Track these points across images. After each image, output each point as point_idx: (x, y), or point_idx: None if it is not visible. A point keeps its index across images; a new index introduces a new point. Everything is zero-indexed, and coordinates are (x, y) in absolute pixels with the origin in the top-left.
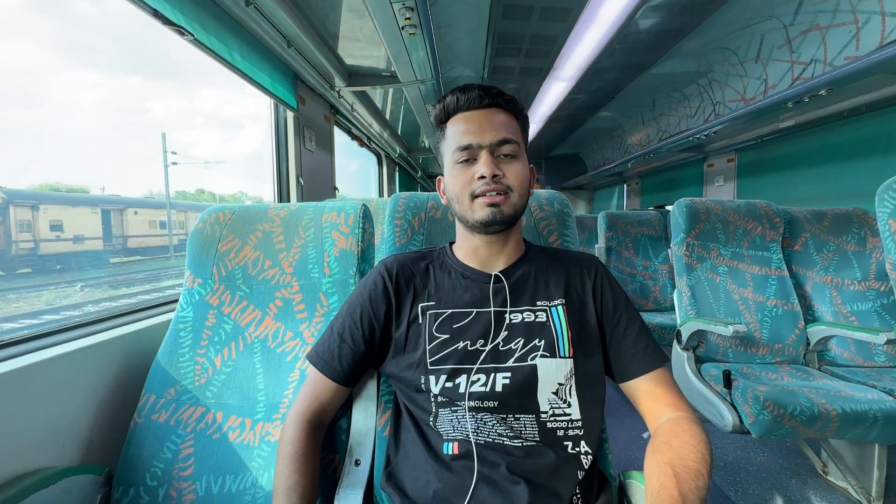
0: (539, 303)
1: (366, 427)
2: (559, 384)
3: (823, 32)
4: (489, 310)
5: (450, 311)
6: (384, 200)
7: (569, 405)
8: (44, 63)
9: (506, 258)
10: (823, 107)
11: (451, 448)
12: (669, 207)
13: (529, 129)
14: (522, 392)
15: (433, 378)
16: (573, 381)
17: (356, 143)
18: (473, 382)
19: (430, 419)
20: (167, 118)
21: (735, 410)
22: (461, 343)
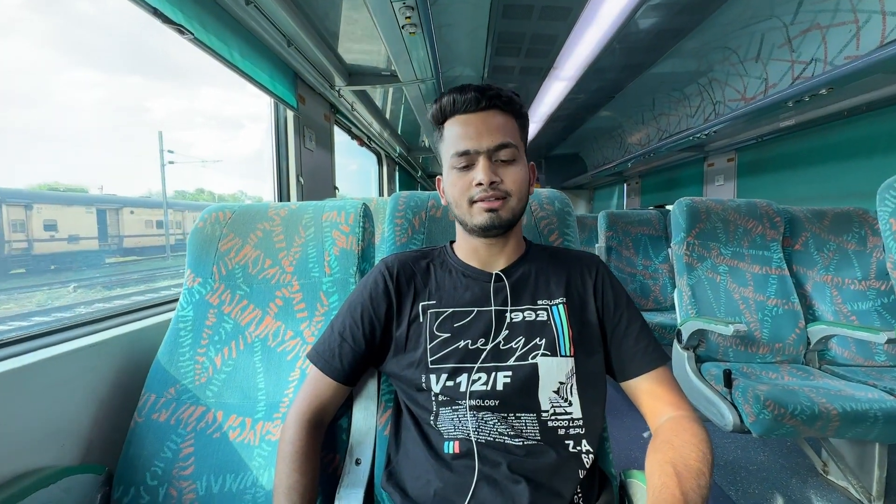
0: (540, 301)
1: (366, 426)
2: (560, 383)
3: (824, 32)
4: (489, 309)
5: (450, 310)
6: (384, 200)
7: (570, 404)
8: (44, 63)
9: (506, 257)
10: (824, 106)
11: (452, 447)
12: (669, 207)
13: (529, 129)
14: (523, 391)
15: (434, 377)
16: (574, 380)
17: (356, 143)
18: (474, 381)
19: (431, 418)
20: (167, 118)
21: (735, 410)
22: (462, 342)
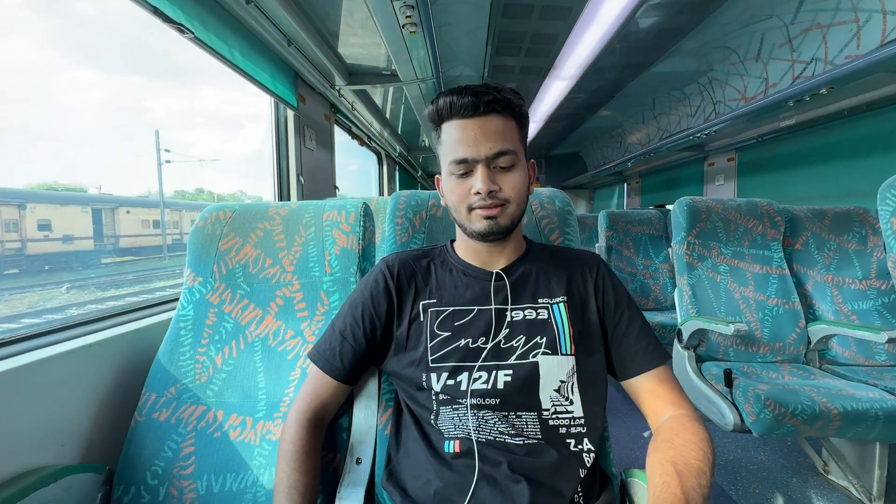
0: (541, 300)
1: (367, 425)
2: (561, 381)
3: (824, 31)
4: (490, 307)
5: (451, 309)
6: (384, 199)
7: (571, 402)
8: (43, 62)
9: (507, 257)
10: (824, 105)
11: (452, 446)
12: (670, 206)
13: (530, 129)
14: (524, 389)
15: (434, 376)
16: (575, 379)
17: (356, 143)
18: (475, 380)
19: (432, 417)
20: (167, 118)
21: (736, 409)
22: (462, 341)
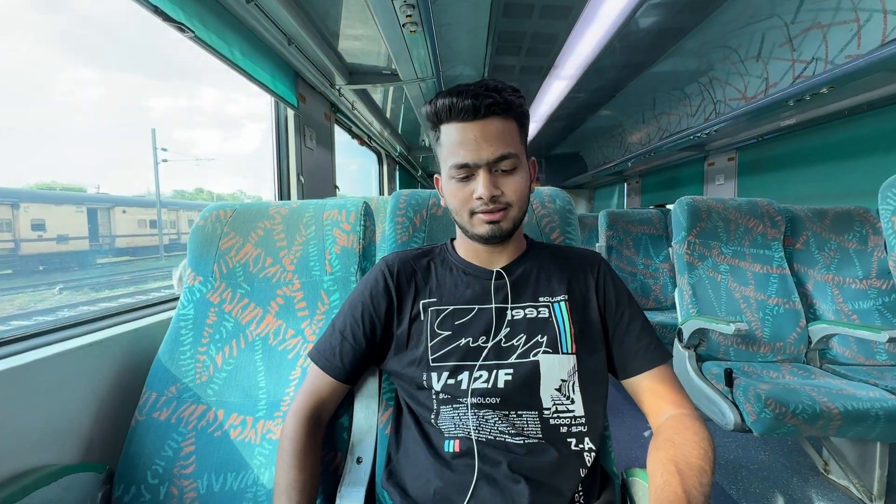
0: (541, 299)
1: (367, 425)
2: (562, 380)
3: (825, 30)
4: (490, 306)
5: (451, 308)
6: (385, 198)
7: (572, 401)
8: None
9: (507, 256)
10: (824, 105)
11: (453, 446)
12: (670, 206)
13: (530, 128)
14: (525, 388)
15: (435, 375)
16: (576, 377)
17: (356, 142)
18: (476, 379)
19: (432, 417)
20: (167, 117)
21: (737, 409)
22: (463, 340)
